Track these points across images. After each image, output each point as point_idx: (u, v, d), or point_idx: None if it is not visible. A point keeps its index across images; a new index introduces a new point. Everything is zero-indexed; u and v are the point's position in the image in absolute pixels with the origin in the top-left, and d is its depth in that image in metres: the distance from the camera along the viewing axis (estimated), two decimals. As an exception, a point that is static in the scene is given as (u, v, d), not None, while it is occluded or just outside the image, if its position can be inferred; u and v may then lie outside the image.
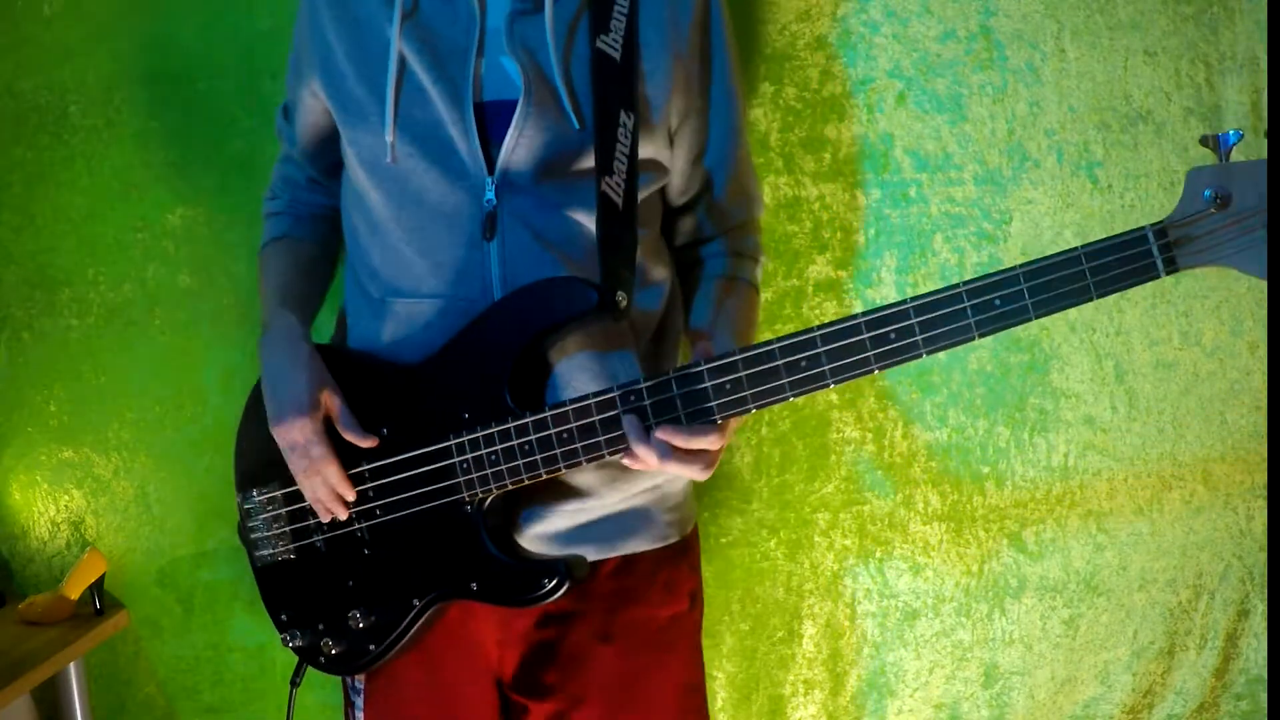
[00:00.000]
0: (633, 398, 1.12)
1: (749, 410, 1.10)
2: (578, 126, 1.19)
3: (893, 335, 1.05)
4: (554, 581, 1.16)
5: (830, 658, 1.77)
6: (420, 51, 1.19)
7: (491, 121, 1.19)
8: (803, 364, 1.07)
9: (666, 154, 1.27)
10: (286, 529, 1.30)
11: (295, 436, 1.21)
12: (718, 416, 1.10)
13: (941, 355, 1.70)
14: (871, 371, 1.06)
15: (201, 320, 1.76)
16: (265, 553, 1.33)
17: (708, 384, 1.10)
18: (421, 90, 1.19)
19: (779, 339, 1.08)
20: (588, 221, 1.21)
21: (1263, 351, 1.69)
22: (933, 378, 1.71)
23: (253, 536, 1.34)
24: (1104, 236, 0.97)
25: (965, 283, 1.02)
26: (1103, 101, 1.66)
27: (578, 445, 1.14)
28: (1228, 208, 0.93)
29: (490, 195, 1.19)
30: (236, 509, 1.37)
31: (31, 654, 1.57)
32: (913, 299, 1.04)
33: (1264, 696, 1.75)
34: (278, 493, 1.30)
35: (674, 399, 1.11)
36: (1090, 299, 0.98)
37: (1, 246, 1.77)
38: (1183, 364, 1.70)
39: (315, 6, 1.27)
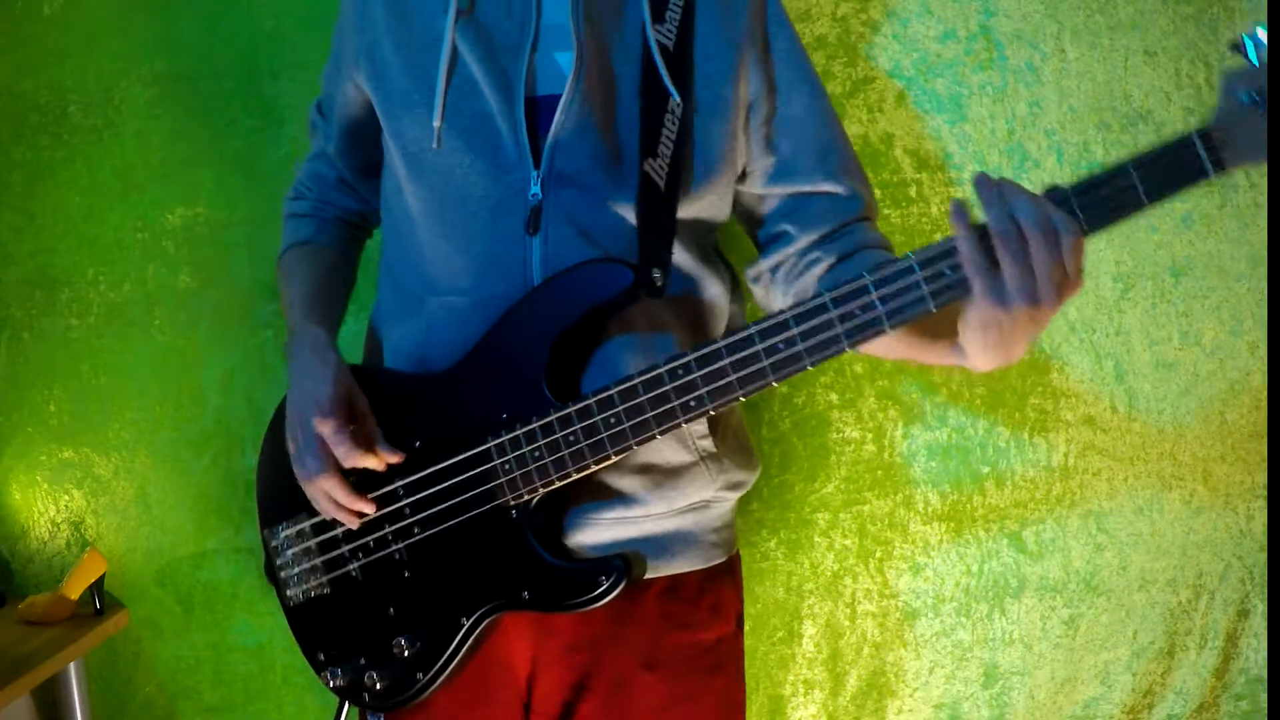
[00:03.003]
0: (680, 372, 1.07)
1: (806, 367, 1.03)
2: (625, 106, 1.17)
3: (946, 271, 0.99)
4: (612, 578, 1.11)
5: (830, 658, 1.77)
6: (474, 44, 1.18)
7: (541, 116, 1.17)
8: (857, 312, 1.01)
9: (723, 148, 1.22)
10: (318, 560, 1.24)
11: (314, 432, 1.15)
12: (772, 379, 1.04)
13: (941, 355, 1.70)
14: (929, 310, 1.00)
15: (201, 320, 1.76)
16: (297, 590, 1.26)
17: (759, 346, 1.04)
18: (472, 82, 1.18)
19: (828, 291, 1.02)
20: (631, 216, 1.18)
21: (1263, 351, 1.69)
22: (933, 377, 1.71)
23: (282, 574, 1.28)
24: (1150, 146, 0.96)
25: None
26: (1103, 101, 1.66)
27: (626, 427, 1.08)
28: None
29: (535, 189, 1.16)
30: (262, 547, 1.32)
31: (31, 654, 1.57)
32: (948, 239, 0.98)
33: (1264, 696, 1.75)
34: (305, 524, 1.25)
35: (725, 367, 1.05)
36: (1143, 206, 0.95)
37: (1, 246, 1.77)
38: (1183, 364, 1.70)
39: None
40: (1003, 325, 0.97)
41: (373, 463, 1.16)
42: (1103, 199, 0.95)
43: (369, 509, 1.18)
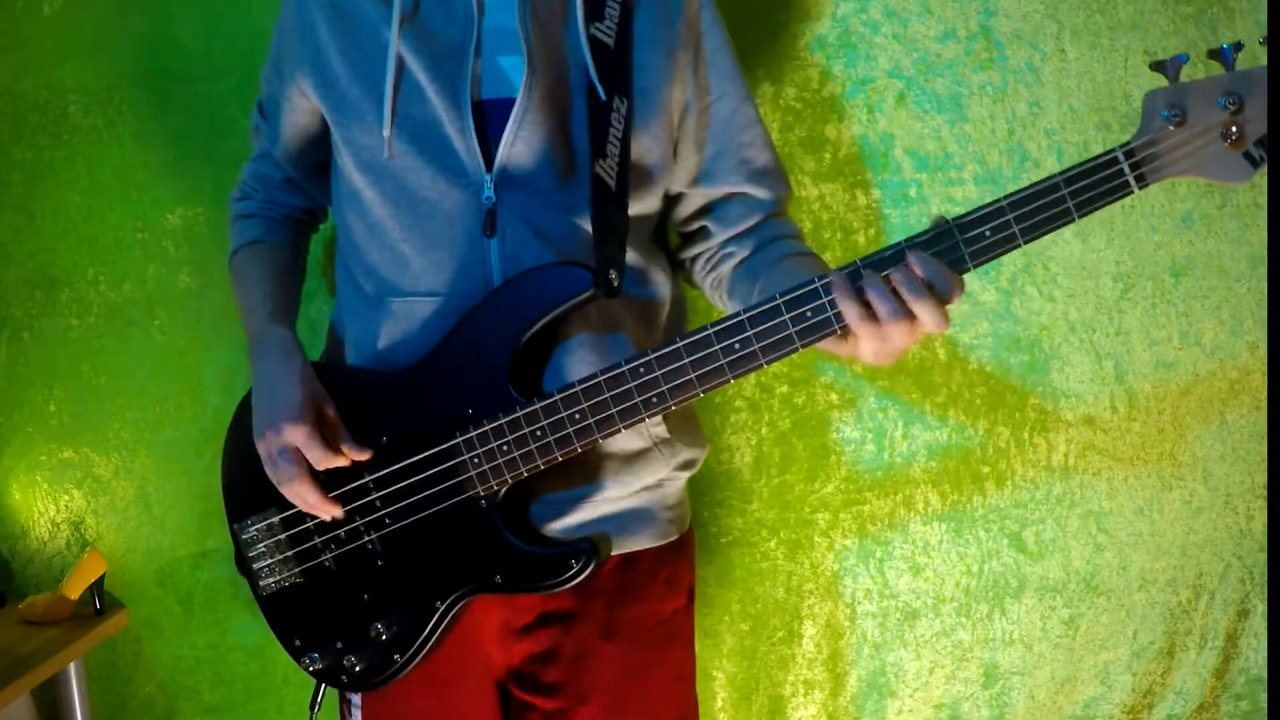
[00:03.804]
0: (642, 370, 1.13)
1: (761, 365, 1.10)
2: (576, 107, 1.21)
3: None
4: (582, 561, 1.16)
5: (830, 658, 1.77)
6: (418, 52, 1.20)
7: (489, 119, 1.20)
8: (808, 314, 1.08)
9: (664, 149, 1.27)
10: (290, 553, 1.27)
11: (288, 439, 1.18)
12: (730, 377, 1.11)
13: (941, 354, 1.70)
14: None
15: (201, 320, 1.76)
16: (270, 581, 1.29)
17: (716, 346, 1.10)
18: (419, 89, 1.20)
19: (782, 293, 1.09)
20: (586, 217, 1.22)
21: (1263, 351, 1.69)
22: (933, 378, 1.71)
23: (254, 566, 1.30)
24: (1077, 162, 1.04)
25: (956, 218, 1.05)
26: (1103, 101, 1.66)
27: (591, 422, 1.14)
28: (1185, 124, 1.00)
29: (489, 192, 1.20)
30: (231, 540, 1.33)
31: (31, 654, 1.57)
32: (908, 241, 1.06)
33: (1264, 696, 1.75)
34: (275, 518, 1.27)
35: (685, 366, 1.11)
36: (1072, 220, 1.03)
37: (1, 246, 1.77)
38: (1183, 364, 1.70)
39: (305, 5, 1.27)
40: (892, 352, 1.09)
41: (342, 462, 1.20)
42: (1036, 210, 1.04)
43: (339, 511, 1.22)
